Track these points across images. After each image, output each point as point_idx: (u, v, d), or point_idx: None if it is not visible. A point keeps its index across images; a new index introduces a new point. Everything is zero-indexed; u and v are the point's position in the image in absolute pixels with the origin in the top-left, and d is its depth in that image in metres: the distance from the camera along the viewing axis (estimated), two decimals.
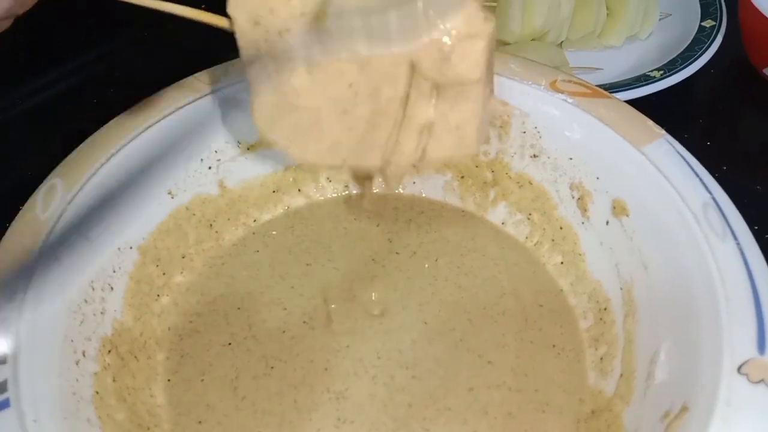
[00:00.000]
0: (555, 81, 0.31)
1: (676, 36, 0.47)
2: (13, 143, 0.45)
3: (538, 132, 0.32)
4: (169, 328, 0.30)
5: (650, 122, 0.29)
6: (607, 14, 0.47)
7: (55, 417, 0.22)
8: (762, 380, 0.21)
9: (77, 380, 0.24)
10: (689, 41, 0.45)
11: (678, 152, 0.28)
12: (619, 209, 0.29)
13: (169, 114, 0.30)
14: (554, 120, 0.31)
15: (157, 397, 0.28)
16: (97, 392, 0.25)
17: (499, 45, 0.45)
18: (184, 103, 0.31)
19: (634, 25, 0.47)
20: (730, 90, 0.47)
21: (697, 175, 0.27)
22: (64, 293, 0.26)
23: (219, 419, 0.27)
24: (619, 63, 0.47)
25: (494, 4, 0.44)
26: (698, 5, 0.48)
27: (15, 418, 0.21)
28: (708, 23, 0.46)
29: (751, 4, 0.43)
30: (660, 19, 0.49)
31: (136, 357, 0.28)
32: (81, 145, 0.29)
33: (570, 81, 0.31)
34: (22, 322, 0.23)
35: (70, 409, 0.23)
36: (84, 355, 0.25)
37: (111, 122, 0.30)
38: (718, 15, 0.47)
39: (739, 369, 0.21)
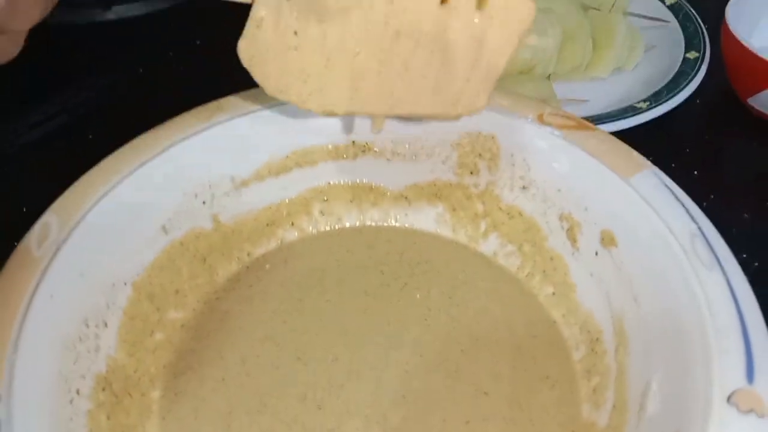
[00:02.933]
0: (542, 114, 0.32)
1: (662, 67, 0.49)
2: (8, 178, 0.46)
3: (527, 164, 0.32)
4: (163, 366, 0.30)
5: (636, 153, 0.30)
6: (594, 47, 0.48)
7: None
8: (752, 410, 0.21)
9: (71, 419, 0.24)
10: (674, 73, 0.46)
11: (664, 183, 0.28)
12: (607, 240, 0.29)
13: (164, 151, 0.31)
14: (542, 152, 0.32)
15: None
16: (91, 431, 0.25)
17: None
18: (179, 139, 0.31)
19: (620, 58, 0.48)
20: (716, 119, 0.48)
21: (684, 206, 0.27)
22: (59, 330, 0.26)
23: None
24: (606, 94, 0.48)
25: None
26: (682, 37, 0.50)
27: None
28: (692, 55, 0.47)
29: (733, 35, 0.44)
30: (645, 51, 0.50)
31: (130, 394, 0.28)
32: (76, 182, 0.29)
33: (556, 114, 0.32)
34: (17, 360, 0.24)
35: None
36: (78, 393, 0.25)
37: (105, 159, 0.30)
38: (702, 47, 0.48)
39: (728, 399, 0.21)
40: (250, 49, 0.26)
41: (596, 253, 0.30)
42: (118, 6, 0.58)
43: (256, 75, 0.27)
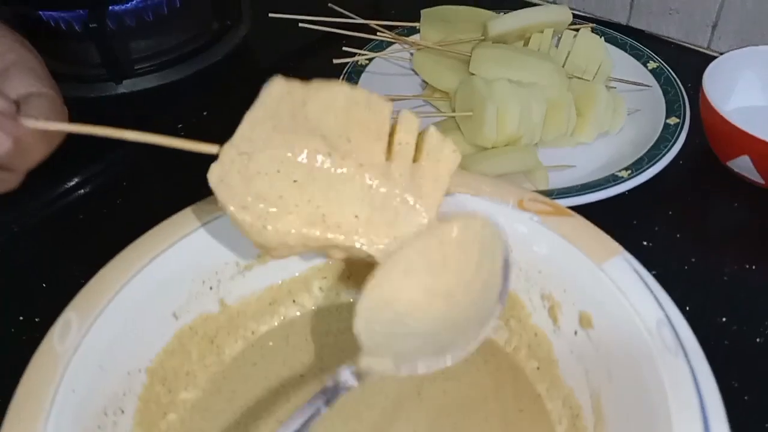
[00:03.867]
0: (522, 201, 0.34)
1: (645, 130, 0.51)
2: (24, 253, 0.49)
3: (510, 245, 0.35)
4: None
5: (609, 239, 0.32)
6: (578, 114, 0.50)
7: None
8: None
9: None
10: (655, 139, 0.48)
11: (635, 269, 0.30)
12: (585, 321, 0.32)
13: (173, 244, 0.33)
14: (523, 236, 0.34)
15: None
16: None
17: (477, 150, 0.49)
18: (188, 232, 0.34)
19: (603, 123, 0.51)
20: (698, 180, 0.50)
21: (652, 293, 0.29)
22: (81, 423, 0.28)
23: None
24: (592, 158, 0.50)
25: (470, 113, 0.48)
26: (664, 102, 0.52)
27: None
28: (672, 120, 0.50)
29: (710, 103, 0.47)
30: (629, 114, 0.53)
31: None
32: (91, 279, 0.32)
33: (536, 200, 0.34)
34: None
35: None
36: None
37: (118, 255, 0.33)
38: (682, 113, 0.50)
39: None
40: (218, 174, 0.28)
41: (575, 333, 0.32)
42: (129, 80, 0.62)
43: (220, 196, 0.28)
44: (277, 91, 0.29)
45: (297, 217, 0.26)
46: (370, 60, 0.57)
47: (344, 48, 0.58)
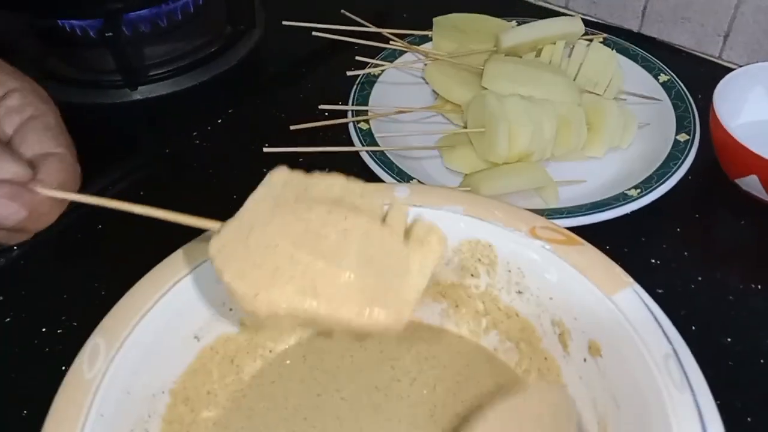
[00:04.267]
0: (534, 228, 0.35)
1: (655, 144, 0.52)
2: (45, 264, 0.50)
3: (522, 272, 0.36)
4: None
5: (619, 270, 0.33)
6: (588, 130, 0.51)
7: None
8: None
9: None
10: (665, 156, 0.49)
11: (644, 302, 0.31)
12: (594, 349, 0.33)
13: (195, 268, 0.34)
14: (534, 263, 0.35)
15: None
16: None
17: (488, 165, 0.49)
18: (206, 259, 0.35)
19: (614, 138, 0.52)
20: (706, 198, 0.51)
21: (661, 327, 0.30)
22: None
23: None
24: (602, 173, 0.51)
25: (482, 129, 0.48)
26: (674, 117, 0.53)
27: None
28: (682, 137, 0.50)
29: (719, 121, 0.47)
30: (640, 128, 0.53)
31: None
32: (116, 305, 0.33)
33: (547, 228, 0.35)
34: None
35: None
36: None
37: (142, 280, 0.34)
38: (692, 129, 0.51)
39: None
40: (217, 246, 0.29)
41: (584, 360, 0.33)
42: (144, 87, 0.62)
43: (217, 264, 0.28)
44: (281, 177, 0.30)
45: (291, 288, 0.27)
46: (382, 70, 0.58)
47: (357, 57, 0.58)
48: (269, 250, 0.28)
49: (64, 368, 0.42)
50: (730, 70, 0.52)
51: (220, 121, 0.60)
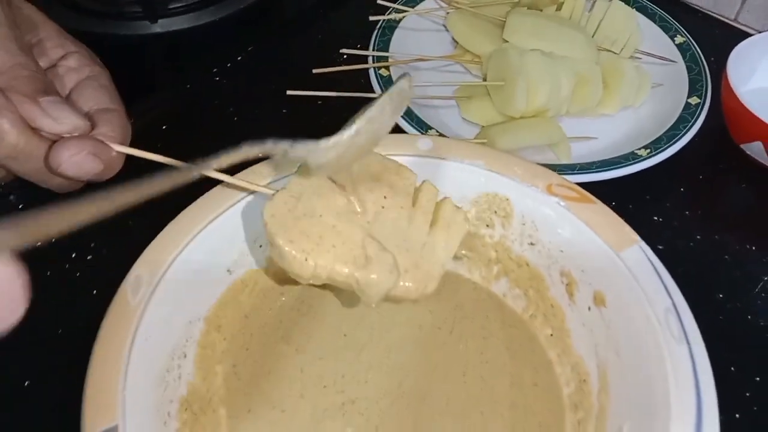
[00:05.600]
0: (551, 185, 0.37)
1: (666, 106, 0.53)
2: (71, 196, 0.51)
3: (535, 226, 0.38)
4: (229, 387, 0.36)
5: (628, 228, 0.35)
6: (604, 88, 0.52)
7: None
8: None
9: None
10: (675, 118, 0.51)
11: (649, 259, 0.34)
12: (599, 300, 0.35)
13: (230, 207, 0.36)
14: (549, 218, 0.37)
15: None
16: None
17: (505, 118, 0.51)
18: (240, 197, 0.37)
19: (628, 97, 0.53)
20: (711, 161, 0.53)
21: (663, 282, 0.33)
22: (153, 366, 0.32)
23: None
24: (613, 131, 0.53)
25: (501, 83, 0.50)
26: (687, 79, 0.54)
27: None
28: (693, 100, 0.52)
29: (731, 88, 0.49)
30: (652, 88, 0.55)
31: (204, 412, 0.35)
32: (156, 238, 0.35)
33: (563, 185, 0.37)
34: (126, 394, 0.30)
35: None
36: (169, 416, 0.32)
37: (180, 216, 0.36)
38: (704, 93, 0.52)
39: None
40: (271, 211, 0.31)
41: (589, 309, 0.36)
42: (165, 19, 0.62)
43: (271, 228, 0.31)
44: (328, 150, 0.32)
45: (333, 255, 0.30)
46: (404, 16, 0.58)
47: (378, 1, 0.59)
48: (314, 220, 0.30)
49: (95, 292, 0.45)
50: (745, 33, 0.54)
51: (239, 58, 0.61)
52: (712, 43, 0.58)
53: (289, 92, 0.51)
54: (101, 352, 0.31)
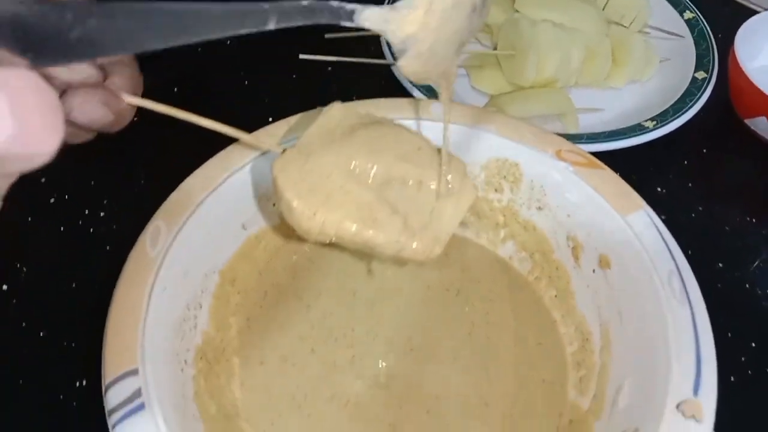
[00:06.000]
0: (560, 151, 0.38)
1: (673, 80, 0.54)
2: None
3: (544, 190, 0.39)
4: (242, 338, 0.37)
5: (634, 194, 0.36)
6: (612, 61, 0.53)
7: (176, 415, 0.30)
8: (692, 416, 0.29)
9: (183, 384, 0.32)
10: (682, 91, 0.51)
11: (654, 224, 0.35)
12: (603, 262, 0.36)
13: (246, 164, 0.37)
14: (557, 183, 0.38)
15: (235, 392, 0.36)
16: (196, 392, 0.33)
17: (514, 87, 0.51)
18: (256, 155, 0.38)
19: (636, 71, 0.54)
20: (716, 134, 0.53)
21: (667, 246, 0.34)
22: (171, 315, 0.33)
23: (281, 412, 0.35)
24: (620, 103, 0.53)
25: (512, 53, 0.50)
26: (694, 54, 0.54)
27: (150, 417, 0.29)
28: (700, 75, 0.52)
29: (738, 63, 0.49)
30: (660, 62, 0.55)
31: (218, 361, 0.36)
32: (175, 191, 0.36)
33: (572, 151, 0.38)
34: (146, 341, 0.31)
35: (181, 408, 0.31)
36: (185, 363, 0.33)
37: (198, 171, 0.37)
38: (710, 68, 0.53)
39: (677, 406, 0.29)
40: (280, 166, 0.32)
41: (593, 271, 0.37)
42: None
43: (280, 182, 0.31)
44: (338, 112, 0.34)
45: (341, 213, 0.30)
46: None
47: None
48: (323, 178, 0.31)
49: (108, 248, 0.46)
50: (753, 11, 0.54)
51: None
52: (719, 19, 0.58)
53: (301, 56, 0.51)
54: (121, 299, 0.32)
